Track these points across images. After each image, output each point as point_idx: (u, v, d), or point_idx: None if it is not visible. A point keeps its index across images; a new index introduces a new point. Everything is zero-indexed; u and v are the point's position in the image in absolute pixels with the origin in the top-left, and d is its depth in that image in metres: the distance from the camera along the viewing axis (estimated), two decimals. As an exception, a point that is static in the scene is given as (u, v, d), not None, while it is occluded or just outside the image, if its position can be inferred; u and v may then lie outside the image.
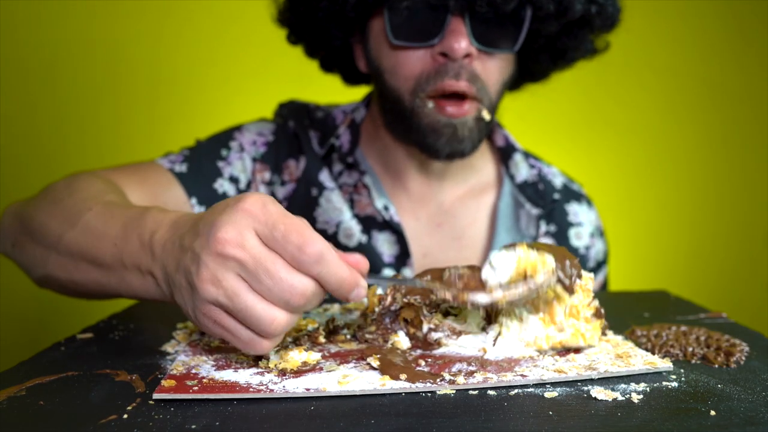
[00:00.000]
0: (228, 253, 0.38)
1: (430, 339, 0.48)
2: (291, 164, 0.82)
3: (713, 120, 1.78)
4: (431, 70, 0.68)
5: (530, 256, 0.46)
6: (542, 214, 0.83)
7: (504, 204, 0.84)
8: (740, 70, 1.76)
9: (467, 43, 0.66)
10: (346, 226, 0.79)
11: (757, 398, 0.39)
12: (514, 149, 0.86)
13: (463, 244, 0.82)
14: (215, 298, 0.39)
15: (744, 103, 1.76)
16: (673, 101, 1.77)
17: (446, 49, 0.67)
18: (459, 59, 0.67)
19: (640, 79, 1.75)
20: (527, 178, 0.84)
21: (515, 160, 0.86)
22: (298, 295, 0.38)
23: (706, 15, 1.75)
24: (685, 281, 1.75)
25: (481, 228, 0.83)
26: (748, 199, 1.79)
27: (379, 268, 0.77)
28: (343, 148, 0.82)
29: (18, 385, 0.40)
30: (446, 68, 0.67)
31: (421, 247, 0.81)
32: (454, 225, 0.82)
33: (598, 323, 0.49)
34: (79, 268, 0.52)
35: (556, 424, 0.35)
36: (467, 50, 0.66)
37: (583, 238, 0.86)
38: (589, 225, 0.87)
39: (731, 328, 0.57)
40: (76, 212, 0.53)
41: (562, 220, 0.85)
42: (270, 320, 0.38)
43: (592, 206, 0.91)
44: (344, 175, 0.82)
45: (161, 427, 0.34)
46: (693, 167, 1.79)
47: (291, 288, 0.38)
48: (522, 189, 0.84)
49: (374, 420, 0.35)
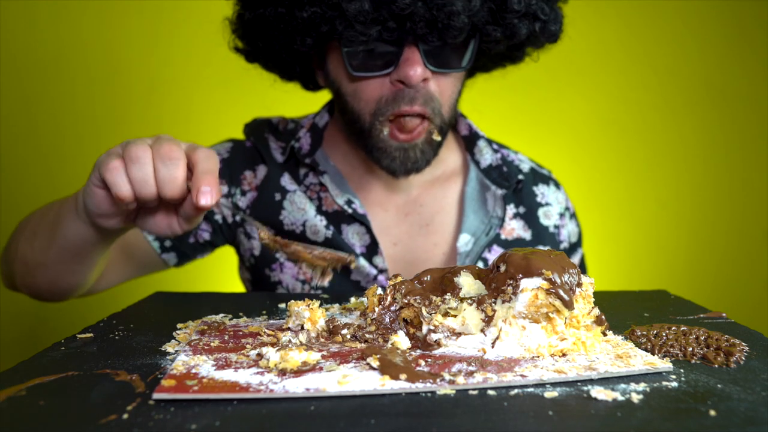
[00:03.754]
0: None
1: (430, 340, 0.48)
2: (248, 175, 0.88)
3: (713, 120, 1.78)
4: (389, 95, 0.73)
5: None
6: (508, 194, 0.87)
7: (470, 188, 0.88)
8: (740, 70, 1.76)
9: (422, 69, 0.71)
10: (311, 223, 0.84)
11: (757, 398, 0.39)
12: (478, 136, 0.91)
13: (432, 230, 0.86)
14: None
15: (744, 103, 1.77)
16: (673, 101, 1.77)
17: (402, 77, 0.71)
18: (415, 84, 0.72)
19: (640, 79, 1.75)
20: (491, 162, 0.89)
21: (479, 146, 0.91)
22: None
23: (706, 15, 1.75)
24: (685, 281, 1.75)
25: (450, 213, 0.87)
26: (747, 199, 1.79)
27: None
28: (303, 150, 0.86)
29: (18, 385, 0.40)
30: (403, 94, 0.72)
31: (390, 237, 0.86)
32: (422, 213, 0.86)
33: (598, 330, 0.50)
34: (36, 234, 0.70)
35: (556, 424, 0.35)
36: (422, 76, 0.71)
37: (552, 217, 0.90)
38: (557, 205, 0.92)
39: (731, 328, 0.57)
40: (36, 215, 0.75)
41: (531, 201, 0.90)
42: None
43: (561, 188, 0.95)
44: (309, 176, 0.87)
45: (161, 427, 0.34)
46: (693, 167, 1.79)
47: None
48: (487, 173, 0.89)
49: (374, 420, 0.35)
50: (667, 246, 1.78)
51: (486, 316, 0.48)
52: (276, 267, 0.85)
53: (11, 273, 0.78)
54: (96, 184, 0.55)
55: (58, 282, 0.74)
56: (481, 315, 0.48)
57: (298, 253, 0.58)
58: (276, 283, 0.86)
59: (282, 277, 0.85)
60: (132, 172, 0.52)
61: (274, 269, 0.85)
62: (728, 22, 1.75)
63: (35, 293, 0.78)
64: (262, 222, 0.84)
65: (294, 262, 0.75)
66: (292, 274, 0.85)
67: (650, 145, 1.78)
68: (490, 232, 0.85)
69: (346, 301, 0.69)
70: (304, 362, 0.43)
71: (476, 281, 0.51)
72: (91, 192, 0.55)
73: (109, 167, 0.52)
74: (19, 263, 0.74)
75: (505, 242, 0.86)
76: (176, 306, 0.68)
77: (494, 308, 0.48)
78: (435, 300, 0.50)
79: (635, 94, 1.76)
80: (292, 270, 0.85)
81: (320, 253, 0.58)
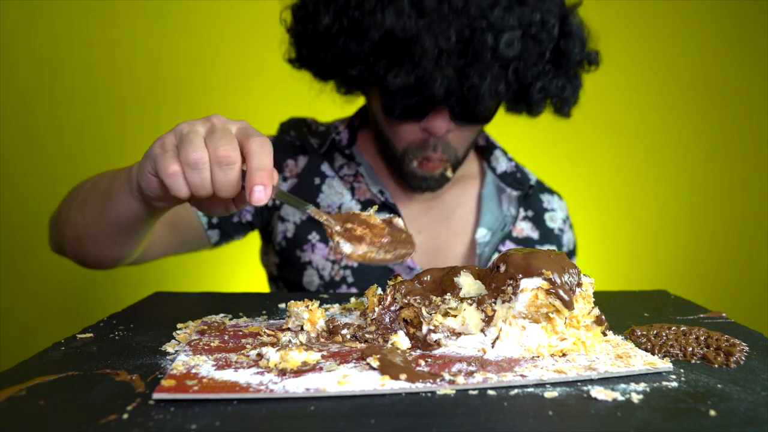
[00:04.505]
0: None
1: (430, 340, 0.48)
2: (290, 163, 0.95)
3: (713, 120, 1.78)
4: (418, 141, 0.85)
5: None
6: (521, 196, 0.98)
7: (488, 190, 0.99)
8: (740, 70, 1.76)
9: (447, 124, 0.82)
10: (347, 206, 0.93)
11: (757, 398, 0.39)
12: (495, 147, 1.03)
13: (452, 222, 0.96)
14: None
15: (744, 103, 1.76)
16: (673, 101, 1.77)
17: (430, 129, 0.82)
18: (440, 136, 0.82)
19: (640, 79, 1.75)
20: (506, 169, 1.01)
21: (496, 155, 1.02)
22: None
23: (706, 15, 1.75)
24: (685, 281, 1.75)
25: (469, 209, 0.97)
26: (747, 199, 1.79)
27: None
28: (342, 142, 0.96)
29: (18, 385, 0.40)
30: (428, 142, 0.84)
31: (415, 225, 0.95)
32: (443, 208, 0.96)
33: (598, 330, 0.50)
34: (87, 203, 0.72)
35: (556, 424, 0.35)
36: (448, 129, 0.82)
37: (557, 221, 1.00)
38: (561, 212, 1.02)
39: (731, 328, 0.57)
40: (89, 181, 0.76)
41: (538, 206, 1.00)
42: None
43: (562, 200, 1.05)
44: (345, 167, 0.96)
45: (161, 427, 0.34)
46: (693, 167, 1.79)
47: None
48: (503, 178, 1.00)
49: (374, 420, 0.35)
50: (667, 246, 1.78)
51: (486, 316, 0.48)
52: (307, 248, 0.91)
53: (60, 237, 0.79)
54: (151, 173, 0.56)
55: (105, 251, 0.75)
56: (481, 315, 0.48)
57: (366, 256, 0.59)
58: (306, 263, 0.91)
59: (312, 257, 0.91)
60: (190, 178, 0.53)
61: (305, 250, 0.91)
62: (728, 22, 1.75)
63: (81, 260, 0.79)
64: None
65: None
66: (323, 254, 0.91)
67: (650, 146, 1.78)
68: (505, 228, 0.95)
69: (346, 300, 0.70)
70: (304, 362, 0.43)
71: (476, 281, 0.51)
72: (146, 178, 0.57)
73: (168, 172, 0.53)
74: (70, 230, 0.75)
75: (516, 239, 0.95)
76: (176, 306, 0.68)
77: (494, 308, 0.48)
78: (435, 300, 0.50)
79: (635, 94, 1.76)
80: (323, 251, 0.91)
81: (386, 252, 0.59)
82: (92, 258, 0.77)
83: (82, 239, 0.74)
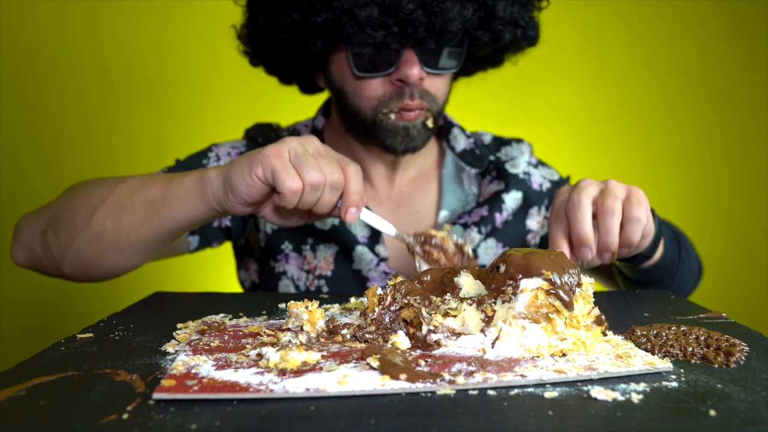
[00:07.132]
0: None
1: (430, 340, 0.48)
2: None
3: (713, 120, 1.78)
4: (392, 92, 0.83)
5: None
6: (481, 172, 0.99)
7: (447, 171, 0.98)
8: (740, 70, 1.76)
9: (419, 70, 0.80)
10: None
11: (757, 398, 0.39)
12: (452, 125, 1.01)
13: (421, 216, 0.96)
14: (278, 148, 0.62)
15: (744, 103, 1.76)
16: (673, 101, 1.77)
17: (402, 77, 0.81)
18: (413, 83, 0.81)
19: (640, 79, 1.75)
20: (465, 146, 0.99)
21: (453, 133, 1.00)
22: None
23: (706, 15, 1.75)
24: (685, 281, 1.74)
25: (432, 198, 0.97)
26: (747, 199, 1.79)
27: (353, 245, 0.89)
28: None
29: (18, 385, 0.40)
30: (403, 91, 0.82)
31: None
32: (410, 203, 0.96)
33: (598, 330, 0.50)
34: (126, 209, 0.69)
35: (556, 424, 0.35)
36: (420, 76, 0.81)
37: (519, 166, 0.99)
38: (522, 156, 1.00)
39: (731, 328, 0.57)
40: (108, 185, 0.72)
41: (498, 163, 0.99)
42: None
43: (523, 143, 1.03)
44: None
45: (161, 427, 0.34)
46: (693, 167, 1.79)
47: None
48: (462, 156, 0.99)
49: (374, 420, 0.35)
50: (667, 246, 1.78)
51: (486, 317, 0.48)
52: (281, 258, 0.91)
53: (57, 248, 0.73)
54: (260, 178, 0.61)
55: (125, 261, 0.73)
56: (481, 315, 0.48)
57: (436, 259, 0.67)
58: (280, 274, 0.91)
59: (287, 267, 0.91)
60: (307, 196, 0.61)
61: (279, 260, 0.91)
62: (728, 22, 1.75)
63: (84, 271, 0.74)
64: None
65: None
66: (297, 263, 0.90)
67: (650, 145, 1.78)
68: (467, 206, 0.96)
69: (346, 300, 0.70)
70: (304, 362, 0.43)
71: (476, 281, 0.51)
72: (250, 182, 0.61)
73: (292, 188, 0.60)
74: (88, 238, 0.71)
75: (482, 202, 0.95)
76: (176, 306, 0.68)
77: (494, 308, 0.48)
78: (435, 300, 0.50)
79: (635, 94, 1.76)
80: (296, 260, 0.90)
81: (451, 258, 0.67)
82: (105, 268, 0.74)
83: (106, 248, 0.71)
